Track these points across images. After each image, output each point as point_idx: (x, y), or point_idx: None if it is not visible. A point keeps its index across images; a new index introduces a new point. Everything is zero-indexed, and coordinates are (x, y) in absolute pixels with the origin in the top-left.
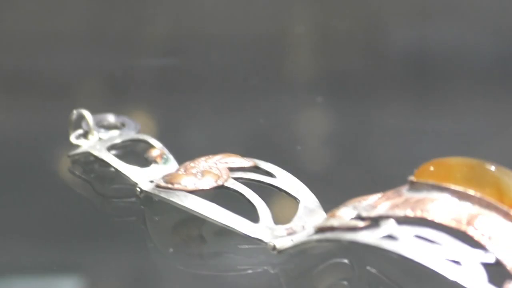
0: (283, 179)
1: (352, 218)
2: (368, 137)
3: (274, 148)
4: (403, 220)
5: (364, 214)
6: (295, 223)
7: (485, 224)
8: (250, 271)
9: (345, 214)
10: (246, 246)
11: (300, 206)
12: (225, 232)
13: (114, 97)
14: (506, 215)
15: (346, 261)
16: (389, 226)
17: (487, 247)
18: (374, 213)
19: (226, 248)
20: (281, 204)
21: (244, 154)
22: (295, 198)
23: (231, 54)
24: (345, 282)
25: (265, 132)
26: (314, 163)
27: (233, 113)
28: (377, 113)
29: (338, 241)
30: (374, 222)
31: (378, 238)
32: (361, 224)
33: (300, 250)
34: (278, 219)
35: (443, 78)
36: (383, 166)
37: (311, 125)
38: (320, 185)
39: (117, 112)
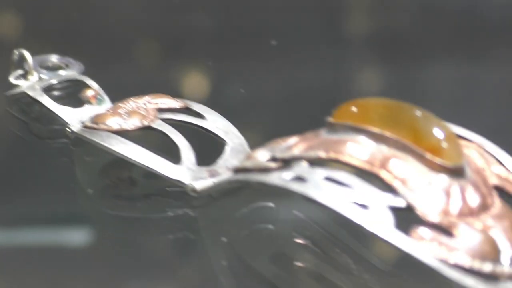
0: (213, 121)
1: (267, 160)
2: (421, 94)
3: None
4: (317, 162)
5: (278, 155)
6: (218, 165)
7: (398, 167)
8: (171, 214)
9: (261, 155)
10: (175, 189)
11: (226, 148)
12: (155, 175)
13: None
14: (421, 158)
15: (271, 204)
16: (300, 168)
17: (398, 190)
18: (287, 155)
19: (154, 191)
20: (208, 146)
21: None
22: (222, 140)
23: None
24: (270, 226)
25: (317, 90)
26: None
27: (288, 66)
28: (428, 70)
29: (247, 183)
30: (287, 164)
31: (286, 180)
32: (273, 165)
33: (225, 193)
34: (203, 161)
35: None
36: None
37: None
38: None
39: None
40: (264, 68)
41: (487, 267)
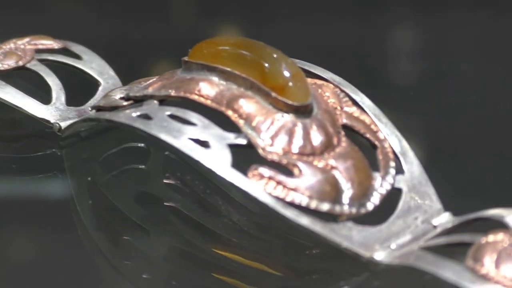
0: (89, 62)
1: (121, 98)
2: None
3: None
4: (170, 101)
5: (131, 94)
6: (88, 105)
7: (244, 106)
8: (39, 153)
9: (117, 94)
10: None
11: (100, 88)
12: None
13: None
14: (267, 97)
15: (142, 145)
16: (148, 106)
17: (241, 129)
18: (140, 93)
19: (32, 132)
20: (83, 86)
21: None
22: (97, 81)
23: None
24: (140, 166)
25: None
26: None
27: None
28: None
29: (98, 120)
30: (140, 102)
31: (133, 118)
32: (123, 103)
33: (94, 133)
34: (77, 101)
35: None
36: None
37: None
38: None
39: None
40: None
41: (324, 206)
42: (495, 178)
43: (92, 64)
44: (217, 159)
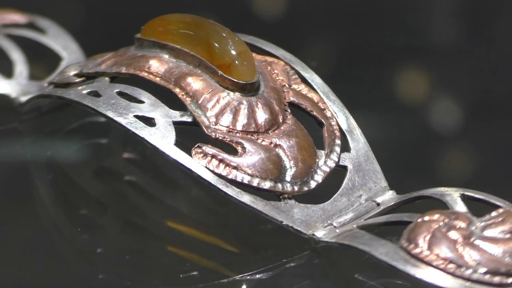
0: (54, 36)
1: (74, 75)
2: None
3: None
4: (122, 78)
5: (84, 71)
6: (49, 80)
7: (191, 84)
8: (0, 128)
9: (71, 71)
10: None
11: (63, 63)
12: None
13: None
14: (214, 74)
15: (103, 120)
16: (98, 83)
17: (187, 107)
18: (92, 70)
19: None
20: (45, 61)
21: None
22: (60, 55)
23: None
24: (101, 141)
25: None
26: None
27: None
28: None
29: (50, 97)
30: (92, 79)
31: (83, 95)
32: (76, 80)
33: (55, 108)
34: (38, 76)
35: None
36: None
37: None
38: None
39: None
40: None
41: (266, 184)
42: (442, 158)
43: (57, 39)
44: (161, 137)
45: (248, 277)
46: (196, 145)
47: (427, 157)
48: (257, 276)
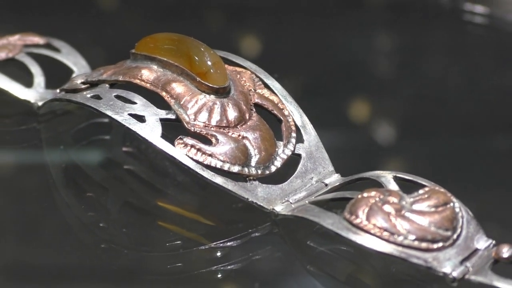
0: (68, 54)
1: (81, 82)
2: None
3: None
4: (119, 84)
5: (89, 79)
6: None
7: (175, 88)
8: (23, 127)
9: (78, 79)
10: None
11: (74, 75)
12: None
13: None
14: (194, 81)
15: (106, 121)
16: (99, 89)
17: (172, 107)
18: (95, 79)
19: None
20: (59, 74)
21: None
22: (71, 69)
23: None
24: (105, 137)
25: None
26: None
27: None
28: None
29: (60, 100)
30: (95, 86)
31: (87, 98)
32: (82, 86)
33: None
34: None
35: None
36: None
37: None
38: None
39: None
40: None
41: (235, 168)
42: (382, 146)
43: (69, 56)
44: (150, 131)
45: (221, 245)
46: (178, 137)
47: (367, 147)
48: (229, 243)
